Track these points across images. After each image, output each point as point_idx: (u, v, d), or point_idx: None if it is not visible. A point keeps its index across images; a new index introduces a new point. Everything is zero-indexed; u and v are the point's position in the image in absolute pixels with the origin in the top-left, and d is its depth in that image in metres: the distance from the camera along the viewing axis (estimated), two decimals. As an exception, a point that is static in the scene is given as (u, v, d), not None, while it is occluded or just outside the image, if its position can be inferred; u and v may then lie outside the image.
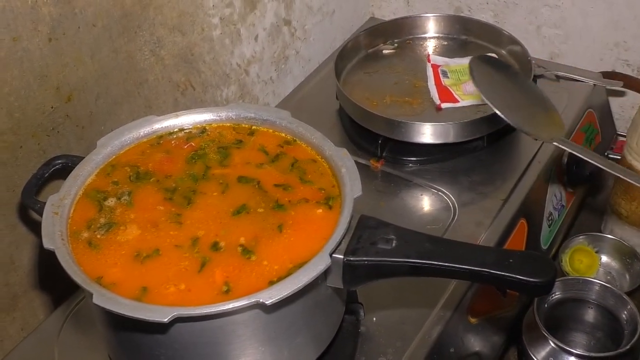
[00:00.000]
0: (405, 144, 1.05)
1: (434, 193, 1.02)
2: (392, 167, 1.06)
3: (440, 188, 1.02)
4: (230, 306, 0.63)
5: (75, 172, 0.77)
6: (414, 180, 1.04)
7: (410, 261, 0.70)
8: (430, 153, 1.06)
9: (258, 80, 1.21)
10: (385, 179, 1.04)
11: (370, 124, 1.07)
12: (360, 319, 0.85)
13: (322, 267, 0.66)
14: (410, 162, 1.07)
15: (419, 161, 1.07)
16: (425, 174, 1.04)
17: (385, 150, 1.07)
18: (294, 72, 1.28)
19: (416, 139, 1.04)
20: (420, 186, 1.03)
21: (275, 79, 1.24)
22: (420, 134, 1.04)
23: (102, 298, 0.64)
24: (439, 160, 1.06)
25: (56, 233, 0.70)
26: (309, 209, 0.75)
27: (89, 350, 0.84)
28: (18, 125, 0.82)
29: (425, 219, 0.99)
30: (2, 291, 0.87)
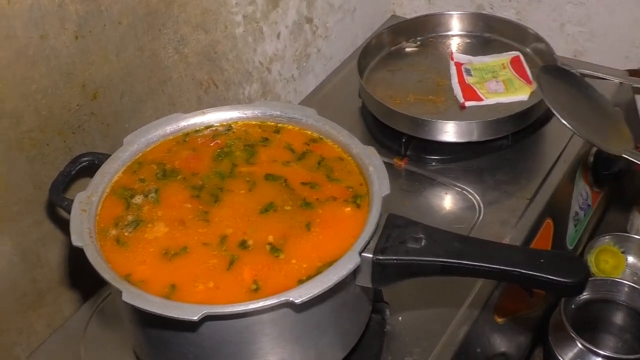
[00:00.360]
0: (429, 143, 1.05)
1: (459, 192, 1.01)
2: (416, 165, 1.05)
3: (465, 187, 1.01)
4: (261, 305, 0.63)
5: (102, 170, 0.77)
6: (438, 178, 1.03)
7: (440, 260, 0.69)
8: (454, 151, 1.06)
9: (280, 78, 1.20)
10: (409, 178, 1.04)
11: (394, 122, 1.07)
12: (386, 318, 0.85)
13: (352, 265, 0.66)
14: (434, 161, 1.06)
15: (443, 160, 1.06)
16: (450, 172, 1.04)
17: (409, 148, 1.06)
18: (315, 70, 1.28)
19: (440, 138, 1.04)
20: (444, 185, 1.02)
21: (297, 77, 1.24)
22: (445, 132, 1.03)
23: (132, 295, 0.64)
24: (463, 159, 1.05)
25: (84, 230, 0.70)
26: (336, 207, 0.74)
27: (115, 347, 0.84)
28: (45, 123, 0.82)
29: (450, 218, 0.98)
30: (29, 288, 0.87)
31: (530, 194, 0.99)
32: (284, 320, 0.67)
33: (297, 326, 0.69)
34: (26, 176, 0.82)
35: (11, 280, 0.85)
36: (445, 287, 0.88)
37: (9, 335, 0.87)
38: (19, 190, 0.82)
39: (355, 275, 0.71)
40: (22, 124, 0.80)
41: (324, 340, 0.73)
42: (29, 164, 0.82)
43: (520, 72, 1.12)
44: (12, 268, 0.84)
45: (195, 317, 0.62)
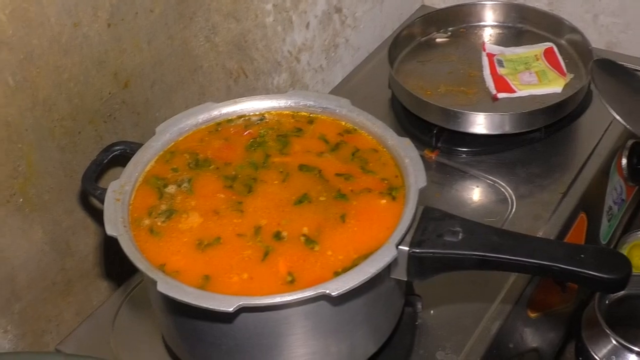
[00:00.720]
0: (460, 134, 1.03)
1: (490, 185, 1.00)
2: (447, 157, 1.04)
3: (497, 180, 1.00)
4: (297, 297, 0.62)
5: (135, 159, 0.77)
6: (469, 171, 1.02)
7: (477, 254, 0.68)
8: (486, 144, 1.04)
9: (308, 68, 1.19)
10: (440, 170, 1.03)
11: (425, 113, 1.05)
12: (418, 311, 0.84)
13: (389, 258, 0.65)
14: (465, 153, 1.05)
15: (475, 152, 1.04)
16: (481, 165, 1.02)
17: (440, 140, 1.05)
18: (343, 61, 1.27)
19: (472, 129, 1.02)
20: (476, 177, 1.01)
21: (325, 67, 1.23)
22: (477, 124, 1.02)
23: (167, 286, 0.64)
24: (495, 152, 1.04)
25: (118, 220, 0.70)
26: (372, 199, 0.73)
27: (145, 336, 0.84)
28: (77, 111, 0.82)
29: (482, 211, 0.97)
30: (59, 276, 0.87)
31: (564, 187, 0.98)
32: (319, 312, 0.67)
33: (331, 319, 0.68)
34: (58, 165, 0.82)
35: (42, 269, 0.85)
36: (477, 280, 0.87)
37: (39, 323, 0.87)
38: (50, 178, 0.82)
39: (391, 269, 0.70)
40: (54, 113, 0.79)
41: (357, 334, 0.72)
42: (60, 152, 0.82)
43: (554, 63, 1.10)
44: (42, 256, 0.84)
45: (231, 309, 0.62)
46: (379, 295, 0.72)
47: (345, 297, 0.65)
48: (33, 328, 0.86)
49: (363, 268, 0.64)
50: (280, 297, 0.62)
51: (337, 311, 0.67)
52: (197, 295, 0.63)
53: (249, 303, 0.62)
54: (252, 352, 0.69)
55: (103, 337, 0.85)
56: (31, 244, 0.82)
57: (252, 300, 0.62)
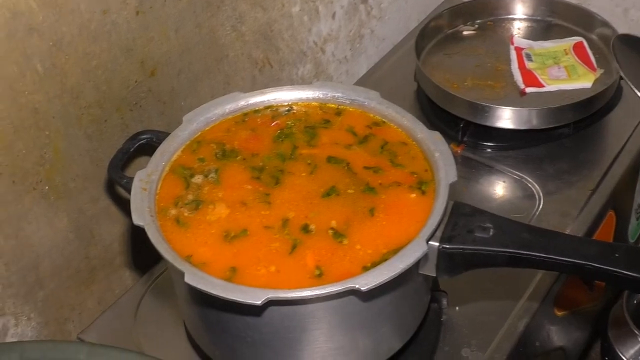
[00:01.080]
0: (487, 129, 1.02)
1: (517, 180, 0.99)
2: (473, 152, 1.03)
3: (524, 175, 0.99)
4: (326, 291, 0.62)
5: (162, 148, 0.76)
6: (495, 166, 1.01)
7: (508, 251, 0.67)
8: (513, 139, 1.03)
9: (333, 59, 1.18)
10: (466, 164, 1.02)
11: (452, 106, 1.04)
12: (443, 307, 0.83)
13: (419, 253, 0.64)
14: (492, 148, 1.03)
15: (502, 147, 1.03)
16: (508, 160, 1.01)
17: (467, 134, 1.04)
18: (368, 52, 1.26)
19: (499, 124, 1.01)
20: (502, 173, 1.00)
21: (350, 58, 1.22)
22: (504, 118, 1.01)
23: (194, 277, 0.63)
24: (523, 147, 1.03)
25: (145, 209, 0.69)
26: (401, 193, 0.72)
27: (167, 327, 0.83)
28: (104, 99, 0.81)
29: (508, 206, 0.95)
30: (82, 264, 0.87)
31: (593, 184, 0.96)
32: (346, 307, 0.66)
33: (359, 314, 0.67)
34: (84, 152, 0.82)
35: (66, 257, 0.85)
36: (503, 277, 0.85)
37: (62, 311, 0.87)
38: (76, 166, 0.81)
39: (420, 264, 0.69)
40: (82, 100, 0.79)
41: (383, 329, 0.72)
42: (87, 140, 0.81)
43: (583, 58, 1.09)
44: (67, 244, 0.84)
45: (259, 302, 0.61)
46: (407, 291, 0.71)
47: (374, 293, 0.64)
48: (56, 316, 0.86)
49: (393, 263, 0.64)
50: (310, 291, 0.62)
51: (365, 306, 0.66)
52: (224, 288, 0.62)
53: (277, 296, 0.61)
54: (277, 345, 0.69)
55: (125, 327, 0.84)
56: (56, 232, 0.82)
57: (280, 294, 0.62)
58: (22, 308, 0.81)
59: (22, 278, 0.80)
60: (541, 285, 0.85)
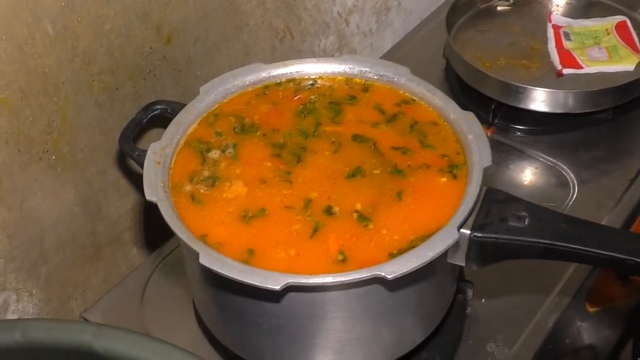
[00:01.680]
0: (520, 111, 1.01)
1: (550, 167, 0.97)
2: (504, 135, 1.02)
3: (558, 162, 0.97)
4: (350, 278, 0.61)
5: (178, 120, 0.75)
6: (527, 151, 0.99)
7: (544, 242, 0.66)
8: (547, 122, 1.02)
9: (357, 32, 1.17)
10: (496, 148, 1.00)
11: (483, 86, 1.02)
12: (468, 298, 0.82)
13: (450, 242, 0.63)
14: (524, 131, 1.02)
15: (535, 130, 1.02)
16: (541, 145, 1.00)
17: (498, 116, 1.02)
18: (394, 25, 1.24)
19: (533, 106, 1.00)
20: (534, 158, 0.99)
21: (375, 32, 1.20)
22: (539, 100, 0.99)
23: (210, 258, 0.62)
24: (557, 131, 1.01)
25: (159, 184, 0.68)
26: (430, 176, 0.71)
27: (176, 309, 0.83)
28: (117, 66, 0.80)
29: (540, 194, 0.94)
30: (88, 240, 0.87)
31: (632, 174, 0.95)
32: (370, 296, 0.65)
33: (382, 303, 0.66)
34: (94, 122, 0.81)
35: (71, 231, 0.84)
36: (534, 269, 0.84)
37: (65, 288, 0.86)
38: (85, 136, 0.80)
39: (449, 253, 0.68)
40: (93, 66, 0.78)
41: (407, 320, 0.71)
42: (97, 108, 0.80)
43: (626, 39, 1.06)
44: (73, 218, 0.83)
45: (278, 287, 0.60)
46: (433, 281, 0.70)
47: (400, 281, 0.63)
48: (59, 293, 0.86)
49: (421, 251, 0.63)
50: (332, 277, 0.61)
51: (389, 295, 0.65)
52: (241, 270, 0.61)
53: (297, 282, 0.60)
54: (295, 333, 0.68)
55: (132, 308, 0.84)
56: (62, 205, 0.81)
57: (300, 279, 0.61)
58: (24, 284, 0.81)
59: (25, 252, 0.80)
60: (573, 279, 0.84)
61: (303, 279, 0.61)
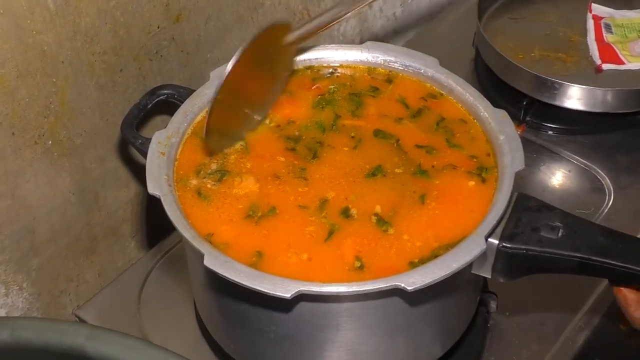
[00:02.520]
0: (554, 108, 0.99)
1: (585, 170, 0.96)
2: (536, 134, 1.00)
3: (593, 165, 0.96)
4: (367, 288, 0.59)
5: (185, 107, 0.74)
6: (560, 152, 0.98)
7: (579, 256, 0.64)
8: (583, 122, 1.00)
9: (380, 15, 1.15)
10: (527, 148, 0.94)
11: (515, 80, 1.01)
12: (491, 311, 0.81)
13: (477, 252, 0.62)
14: (557, 131, 1.01)
15: (569, 130, 1.01)
16: (575, 146, 0.99)
17: (529, 113, 1.01)
18: (420, 10, 1.23)
19: (568, 104, 0.98)
20: (568, 160, 0.97)
21: (399, 16, 1.19)
22: (575, 98, 0.98)
23: (216, 261, 0.61)
24: (594, 132, 1.00)
25: (162, 177, 0.67)
26: (457, 179, 0.70)
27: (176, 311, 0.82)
28: (121, 45, 0.79)
29: (572, 200, 0.93)
30: (83, 232, 0.86)
31: (675, 182, 0.94)
32: (387, 307, 0.64)
33: (400, 316, 0.65)
34: (94, 105, 0.80)
35: (66, 222, 0.83)
36: (563, 282, 0.83)
37: (57, 282, 0.86)
38: (84, 120, 0.80)
39: (474, 263, 0.66)
40: (95, 45, 0.77)
41: (425, 334, 0.70)
42: (98, 91, 0.79)
43: (673, 34, 1.05)
44: (68, 208, 0.83)
45: (288, 295, 0.59)
46: (456, 293, 0.69)
47: (420, 293, 0.61)
48: (50, 287, 0.85)
49: (445, 261, 0.61)
50: (347, 287, 0.60)
51: (408, 308, 0.64)
52: (250, 275, 0.60)
53: (310, 290, 0.59)
54: (304, 344, 0.67)
55: (128, 307, 0.83)
56: (57, 193, 0.81)
57: (313, 287, 0.60)
58: (14, 276, 0.80)
59: (16, 242, 0.79)
60: (606, 294, 0.83)
61: (316, 287, 0.60)
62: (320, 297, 0.61)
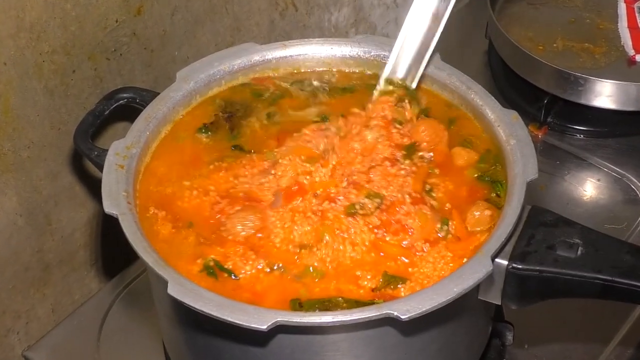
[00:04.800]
0: (580, 108, 1.02)
1: (616, 179, 0.98)
2: (559, 137, 1.03)
3: (625, 173, 0.99)
4: (355, 317, 0.61)
5: (147, 113, 0.76)
6: (588, 158, 1.01)
7: (602, 278, 0.66)
8: (614, 123, 1.03)
9: (378, 4, 1.18)
10: (548, 154, 1.01)
11: (534, 75, 1.04)
12: (507, 344, 0.82)
13: (482, 274, 0.63)
14: (584, 133, 1.04)
15: (598, 132, 1.04)
16: (605, 151, 1.01)
17: (551, 113, 1.04)
18: (425, -5, 1.24)
19: (597, 102, 1.01)
20: (596, 167, 1.00)
21: (400, 4, 1.21)
22: (604, 95, 1.00)
23: (181, 289, 0.63)
24: (626, 134, 1.03)
25: (121, 194, 0.69)
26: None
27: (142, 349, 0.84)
28: (72, 43, 0.81)
29: (602, 214, 0.95)
30: (33, 259, 0.88)
31: None
32: (379, 340, 0.65)
33: (396, 350, 0.67)
34: (43, 112, 0.82)
35: (12, 248, 0.85)
36: (590, 311, 0.85)
37: (3, 319, 0.88)
38: (32, 130, 0.82)
39: (481, 288, 0.68)
40: (43, 43, 0.79)
41: (427, 371, 0.71)
42: (48, 96, 0.81)
43: None
44: (14, 232, 0.85)
45: (264, 326, 0.60)
46: (461, 322, 0.70)
47: (417, 323, 0.63)
48: (-5, 324, 0.87)
49: (445, 285, 0.63)
50: (332, 316, 0.61)
51: (404, 340, 0.66)
52: (219, 304, 0.62)
53: (289, 320, 0.61)
54: (286, 384, 0.69)
55: (86, 345, 0.85)
56: (1, 215, 0.83)
57: (293, 317, 0.61)
58: (-48, 312, 0.82)
59: (-45, 273, 0.81)
60: (638, 325, 0.85)
61: (296, 318, 0.61)
62: (301, 328, 0.63)
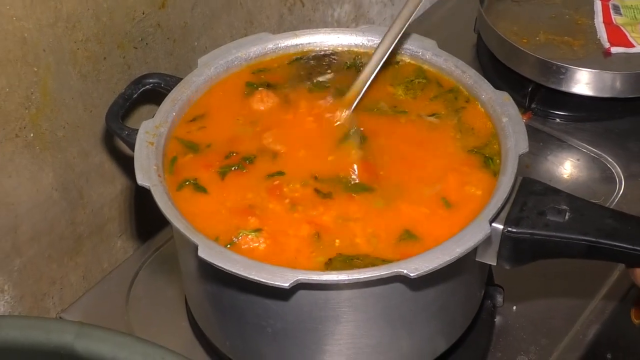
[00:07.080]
0: (561, 95, 1.03)
1: (594, 159, 0.99)
2: (542, 122, 1.04)
3: (602, 153, 0.99)
4: (369, 275, 0.62)
5: (173, 95, 0.77)
6: (568, 140, 1.01)
7: (587, 239, 0.67)
8: (591, 108, 1.04)
9: (376, 1, 1.18)
10: (533, 137, 0.99)
11: (519, 65, 1.04)
12: (497, 305, 0.84)
13: (481, 236, 0.65)
14: (565, 118, 1.04)
15: (577, 117, 1.04)
16: (584, 133, 1.02)
17: (535, 100, 1.04)
18: (418, -6, 1.25)
19: (576, 89, 1.02)
20: (576, 148, 1.00)
21: (396, 1, 1.22)
22: (582, 83, 1.01)
23: (210, 252, 0.64)
24: (603, 119, 1.03)
25: (152, 167, 0.70)
26: (458, 168, 0.73)
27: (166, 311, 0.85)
28: (104, 32, 0.82)
29: (582, 190, 0.96)
30: (67, 230, 0.88)
31: (688, 169, 0.97)
32: (389, 296, 0.67)
33: (403, 306, 0.68)
34: (77, 95, 0.82)
35: (49, 220, 0.86)
36: (572, 271, 0.86)
37: (40, 284, 0.88)
38: (67, 112, 0.82)
39: (478, 250, 0.70)
40: (78, 32, 0.79)
41: (429, 326, 0.73)
42: (81, 80, 0.82)
43: (684, 14, 1.08)
44: (51, 205, 0.85)
45: (287, 284, 0.62)
46: (459, 282, 0.72)
47: (423, 280, 0.64)
48: (33, 290, 0.88)
49: (448, 246, 0.64)
50: (348, 275, 0.62)
51: (411, 297, 0.67)
52: (246, 265, 0.63)
53: (309, 278, 0.62)
54: (303, 338, 0.70)
55: (115, 308, 0.86)
56: (39, 189, 0.83)
57: (313, 276, 0.63)
58: (-5, 278, 0.83)
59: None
60: (619, 284, 0.86)
61: (315, 276, 0.63)
62: (320, 285, 0.64)
